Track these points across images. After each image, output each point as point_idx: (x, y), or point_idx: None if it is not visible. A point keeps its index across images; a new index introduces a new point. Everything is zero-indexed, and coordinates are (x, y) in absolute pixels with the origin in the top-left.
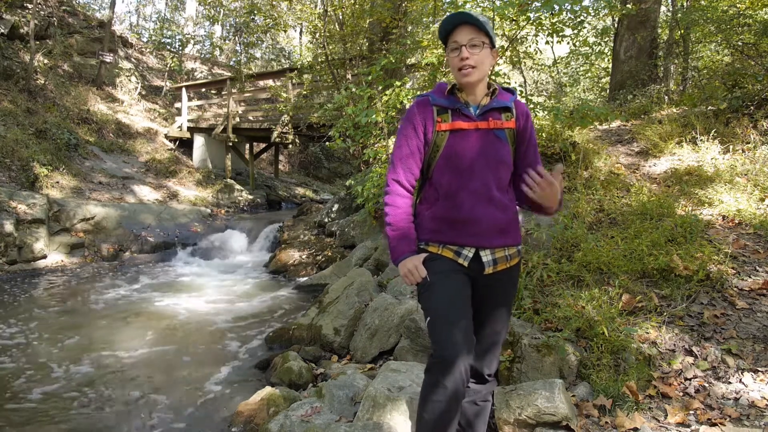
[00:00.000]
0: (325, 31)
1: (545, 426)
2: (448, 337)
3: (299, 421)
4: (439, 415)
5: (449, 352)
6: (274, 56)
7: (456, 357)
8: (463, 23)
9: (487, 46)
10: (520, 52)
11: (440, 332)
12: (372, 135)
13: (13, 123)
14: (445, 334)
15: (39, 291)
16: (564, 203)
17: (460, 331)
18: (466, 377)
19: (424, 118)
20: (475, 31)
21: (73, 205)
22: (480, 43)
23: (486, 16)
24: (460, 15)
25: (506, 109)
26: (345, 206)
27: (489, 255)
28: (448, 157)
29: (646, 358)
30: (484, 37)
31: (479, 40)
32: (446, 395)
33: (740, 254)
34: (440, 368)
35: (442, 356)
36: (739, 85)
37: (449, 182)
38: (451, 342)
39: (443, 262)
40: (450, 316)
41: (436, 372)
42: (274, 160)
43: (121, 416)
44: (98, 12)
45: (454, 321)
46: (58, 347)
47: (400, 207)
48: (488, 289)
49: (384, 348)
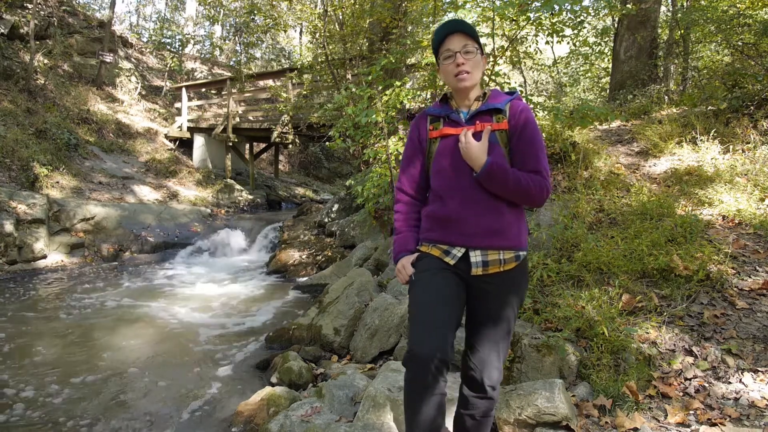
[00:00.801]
0: (325, 31)
1: (545, 426)
2: (419, 332)
3: (299, 421)
4: (415, 409)
5: (418, 347)
6: (274, 56)
7: (424, 352)
8: (456, 32)
9: (479, 53)
10: (520, 52)
11: (413, 327)
12: (372, 135)
13: (13, 123)
14: (417, 329)
15: (39, 291)
16: (564, 203)
17: (432, 326)
18: (437, 370)
19: (419, 129)
20: (467, 39)
21: (73, 205)
22: (473, 50)
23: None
24: (452, 23)
25: (497, 111)
26: (345, 206)
27: (479, 256)
28: (438, 161)
29: (646, 358)
30: (475, 44)
31: (472, 47)
32: (420, 389)
33: (740, 254)
34: (411, 363)
35: (410, 350)
36: (739, 85)
37: (439, 185)
38: (420, 337)
39: (429, 260)
40: (424, 312)
41: (408, 367)
42: (274, 160)
43: (120, 416)
44: (98, 12)
45: (426, 317)
46: (57, 347)
47: (401, 212)
48: (482, 292)
49: (384, 348)
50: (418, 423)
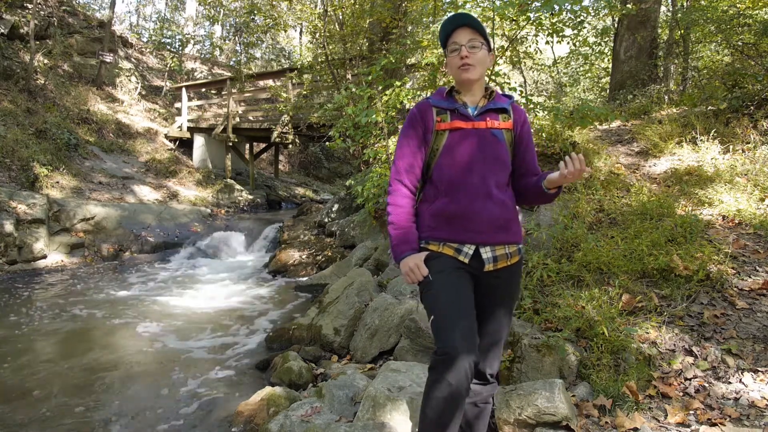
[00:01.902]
0: (325, 31)
1: (545, 426)
2: (451, 334)
3: (299, 421)
4: (442, 412)
5: (452, 348)
6: (274, 56)
7: (459, 353)
8: (463, 25)
9: (484, 48)
10: (520, 52)
11: (443, 330)
12: (372, 135)
13: (13, 123)
14: (448, 331)
15: (39, 291)
16: (564, 203)
17: (463, 328)
18: (470, 374)
19: (424, 120)
20: (473, 33)
21: (73, 205)
22: (479, 44)
23: (486, 16)
24: (460, 17)
25: (503, 110)
26: (345, 206)
27: (489, 252)
28: (447, 155)
29: (646, 358)
30: (482, 39)
31: (478, 42)
32: (449, 392)
33: (740, 254)
34: (444, 365)
35: (445, 353)
36: (739, 85)
37: (449, 179)
38: (454, 339)
39: (444, 260)
40: (453, 313)
41: (439, 369)
42: (274, 160)
43: (120, 416)
44: (98, 12)
45: (456, 318)
46: (57, 347)
47: (402, 206)
48: (489, 287)
49: (384, 348)
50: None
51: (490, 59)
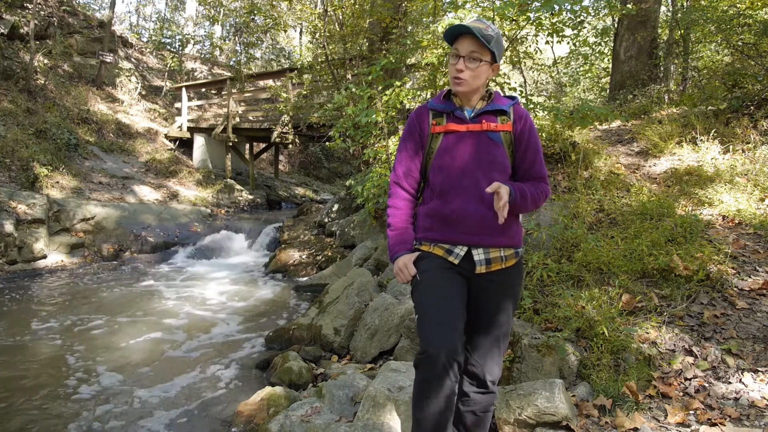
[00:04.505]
0: (325, 31)
1: (545, 426)
2: (432, 332)
3: (299, 421)
4: (429, 412)
5: (431, 347)
6: (274, 56)
7: (439, 352)
8: (468, 34)
9: (485, 63)
10: (520, 52)
11: (424, 328)
12: (372, 135)
13: (13, 123)
14: (429, 329)
15: (39, 291)
16: (564, 203)
17: (445, 326)
18: (452, 372)
19: (421, 124)
20: (477, 45)
21: (73, 205)
22: (479, 58)
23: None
24: (464, 27)
25: (502, 112)
26: (345, 206)
27: (482, 254)
28: (441, 158)
29: (646, 358)
30: (485, 52)
31: (479, 55)
32: (433, 390)
33: (740, 254)
34: (425, 364)
35: (424, 351)
36: (739, 85)
37: (442, 181)
38: (433, 337)
39: (433, 260)
40: (435, 312)
41: (422, 368)
42: (274, 160)
43: (120, 416)
44: (98, 12)
45: (438, 317)
46: (57, 347)
47: (399, 208)
48: (483, 290)
49: (384, 348)
50: (428, 423)
51: (494, 71)
